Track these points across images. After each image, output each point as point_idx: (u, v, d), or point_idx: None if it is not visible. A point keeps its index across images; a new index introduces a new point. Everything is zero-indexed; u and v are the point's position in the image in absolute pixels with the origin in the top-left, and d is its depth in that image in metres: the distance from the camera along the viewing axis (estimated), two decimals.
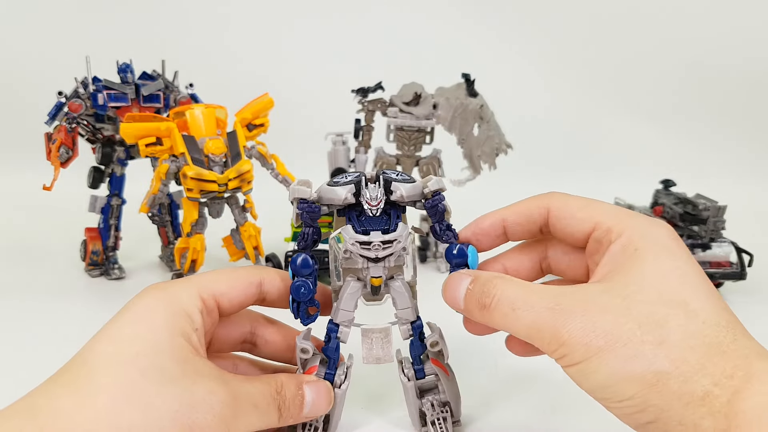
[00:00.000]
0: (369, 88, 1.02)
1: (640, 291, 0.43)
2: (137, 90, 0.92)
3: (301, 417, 0.50)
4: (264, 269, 0.54)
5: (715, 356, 0.39)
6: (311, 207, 0.51)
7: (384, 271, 0.52)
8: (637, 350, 0.40)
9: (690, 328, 0.40)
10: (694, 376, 0.39)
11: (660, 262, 0.44)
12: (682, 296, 0.42)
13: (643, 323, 0.41)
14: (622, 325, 0.41)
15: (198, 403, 0.42)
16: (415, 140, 1.01)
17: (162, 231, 1.03)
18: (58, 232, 1.17)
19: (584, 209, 0.50)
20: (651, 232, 0.46)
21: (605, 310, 0.42)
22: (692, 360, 0.39)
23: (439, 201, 0.52)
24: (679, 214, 1.02)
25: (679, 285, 0.43)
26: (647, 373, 0.39)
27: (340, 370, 0.54)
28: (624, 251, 0.45)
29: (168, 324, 0.45)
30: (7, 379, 0.65)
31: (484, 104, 1.00)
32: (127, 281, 0.96)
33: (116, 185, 0.97)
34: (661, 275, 0.43)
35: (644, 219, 0.48)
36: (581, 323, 0.42)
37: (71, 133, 0.90)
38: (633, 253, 0.45)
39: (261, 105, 0.90)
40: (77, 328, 0.78)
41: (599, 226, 0.48)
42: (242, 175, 0.83)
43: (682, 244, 0.46)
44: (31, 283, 0.93)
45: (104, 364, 0.42)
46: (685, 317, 0.41)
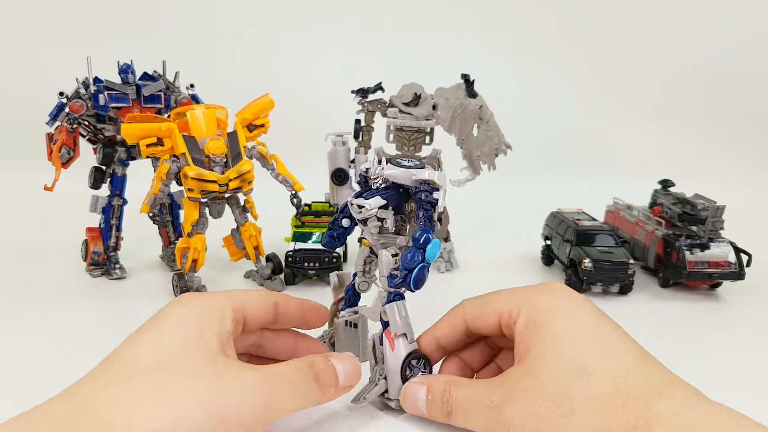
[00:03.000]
0: (369, 88, 1.02)
1: (547, 366, 0.48)
2: (138, 90, 0.92)
3: (339, 388, 0.53)
4: (276, 294, 0.59)
5: (617, 412, 0.43)
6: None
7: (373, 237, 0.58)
8: (557, 425, 0.45)
9: (590, 391, 0.45)
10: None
11: (556, 331, 0.50)
12: (580, 361, 0.47)
13: (554, 398, 0.46)
14: (540, 405, 0.46)
15: (227, 391, 0.45)
16: (414, 141, 1.02)
17: (163, 231, 1.04)
18: (59, 232, 1.17)
19: (486, 307, 0.56)
20: (542, 303, 0.52)
21: (526, 395, 0.47)
22: (599, 422, 0.43)
23: (423, 191, 0.55)
24: (677, 214, 1.03)
25: (576, 350, 0.48)
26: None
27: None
28: (526, 329, 0.51)
29: (200, 327, 0.48)
30: (8, 379, 0.65)
31: (483, 105, 1.00)
32: (129, 281, 0.96)
33: (117, 185, 0.98)
34: (560, 344, 0.49)
35: (534, 291, 0.54)
36: (513, 414, 0.47)
37: (72, 133, 0.90)
38: (534, 328, 0.51)
39: (261, 105, 0.90)
40: (78, 328, 0.79)
41: (502, 315, 0.54)
42: (243, 175, 0.83)
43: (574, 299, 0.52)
44: (33, 283, 0.93)
45: (142, 365, 0.45)
46: (585, 383, 0.46)
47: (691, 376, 0.48)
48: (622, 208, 1.14)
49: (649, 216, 1.07)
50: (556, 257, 1.06)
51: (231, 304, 0.52)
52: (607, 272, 0.93)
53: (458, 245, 1.05)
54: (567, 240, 1.01)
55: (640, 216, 1.09)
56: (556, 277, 1.04)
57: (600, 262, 0.93)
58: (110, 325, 0.82)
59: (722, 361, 0.75)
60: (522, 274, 1.06)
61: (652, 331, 0.84)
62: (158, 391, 0.43)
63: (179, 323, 0.49)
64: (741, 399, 0.63)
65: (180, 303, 0.51)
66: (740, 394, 0.66)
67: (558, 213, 1.10)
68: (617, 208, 1.15)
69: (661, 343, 0.79)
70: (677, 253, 0.95)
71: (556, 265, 1.10)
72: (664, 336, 0.82)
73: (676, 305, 0.93)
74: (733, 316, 0.91)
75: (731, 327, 0.87)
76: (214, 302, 0.52)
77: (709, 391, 0.47)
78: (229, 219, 0.89)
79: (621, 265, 0.93)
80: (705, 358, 0.75)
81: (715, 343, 0.81)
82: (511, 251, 1.16)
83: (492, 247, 1.17)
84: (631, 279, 0.94)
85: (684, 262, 0.94)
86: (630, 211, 1.13)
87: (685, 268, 0.94)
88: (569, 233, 1.01)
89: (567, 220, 1.05)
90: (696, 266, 0.94)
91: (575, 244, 0.98)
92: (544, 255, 1.11)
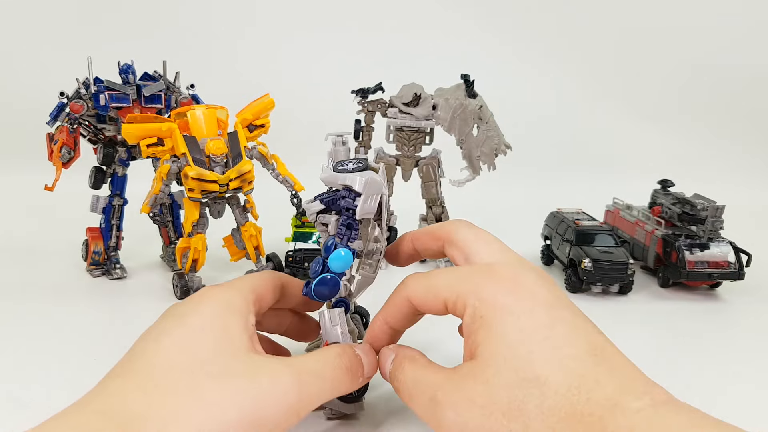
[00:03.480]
0: (369, 88, 1.02)
1: (497, 372, 0.44)
2: (139, 91, 0.93)
3: (365, 377, 0.53)
4: (282, 275, 0.59)
5: (574, 427, 0.40)
6: None
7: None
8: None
9: (546, 405, 0.41)
10: None
11: (504, 329, 0.45)
12: (532, 369, 0.43)
13: (506, 411, 0.42)
14: (489, 416, 0.43)
15: (263, 393, 0.44)
16: (414, 141, 1.02)
17: (163, 231, 1.04)
18: (59, 232, 1.17)
19: (431, 290, 0.51)
20: (487, 295, 0.47)
21: (473, 401, 0.44)
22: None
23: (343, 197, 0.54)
24: (677, 214, 1.03)
25: (527, 353, 0.44)
26: None
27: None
28: (473, 321, 0.47)
29: (226, 326, 0.48)
30: (8, 378, 0.65)
31: (483, 105, 1.00)
32: (129, 281, 0.96)
33: (118, 185, 0.98)
34: (510, 346, 0.44)
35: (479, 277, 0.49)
36: (454, 417, 0.44)
37: (73, 133, 0.90)
38: (481, 322, 0.46)
39: (262, 106, 0.90)
40: (79, 328, 0.79)
41: (447, 302, 0.50)
42: (243, 175, 0.83)
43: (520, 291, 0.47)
44: (33, 282, 0.93)
45: (170, 368, 0.44)
46: (540, 395, 0.42)
47: (690, 376, 0.48)
48: (622, 208, 1.14)
49: (648, 216, 1.07)
50: (556, 257, 1.07)
51: (251, 297, 0.52)
52: (606, 272, 0.93)
53: None
54: (567, 240, 1.01)
55: (640, 216, 1.09)
56: (556, 277, 1.04)
57: (600, 261, 0.93)
58: (111, 325, 0.82)
59: (722, 361, 0.75)
60: None
61: (651, 331, 0.85)
62: (192, 396, 0.42)
63: (205, 323, 0.48)
64: (741, 399, 0.63)
65: (202, 300, 0.50)
66: (740, 394, 0.66)
67: (558, 213, 1.10)
68: (617, 208, 1.16)
69: (661, 343, 0.80)
70: (677, 253, 0.96)
71: (555, 265, 1.10)
72: (664, 336, 0.82)
73: (676, 305, 0.93)
74: (732, 316, 0.91)
75: (731, 327, 0.88)
76: (235, 296, 0.51)
77: (708, 391, 0.47)
78: (229, 219, 0.89)
79: (621, 265, 0.93)
80: (704, 358, 0.75)
81: (715, 343, 0.81)
82: None
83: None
84: (630, 279, 0.94)
85: (684, 262, 0.94)
86: (630, 211, 1.13)
87: (685, 267, 0.94)
88: (569, 233, 1.02)
89: (567, 220, 1.05)
90: (696, 266, 0.94)
91: (575, 243, 0.99)
92: (543, 255, 1.11)
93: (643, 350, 0.73)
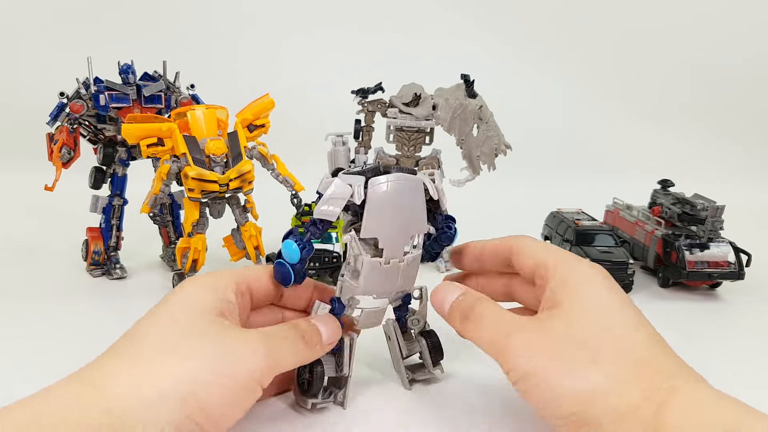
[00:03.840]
0: (369, 88, 1.02)
1: (577, 319, 0.49)
2: (139, 91, 0.93)
3: (325, 345, 0.55)
4: None
5: (642, 372, 0.44)
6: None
7: None
8: (573, 367, 0.45)
9: (619, 348, 0.46)
10: (625, 389, 0.43)
11: (592, 294, 0.51)
12: (612, 324, 0.48)
13: (579, 345, 0.46)
14: (561, 345, 0.47)
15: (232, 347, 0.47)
16: (414, 141, 1.02)
17: (163, 231, 1.04)
18: (59, 232, 1.17)
19: (533, 250, 0.58)
20: (583, 270, 0.54)
21: (548, 332, 0.49)
22: (623, 375, 0.44)
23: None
24: (677, 214, 1.03)
25: (610, 315, 0.49)
26: (583, 391, 0.44)
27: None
28: (560, 285, 0.52)
29: (200, 298, 0.50)
30: (9, 379, 0.65)
31: (483, 105, 1.00)
32: (129, 281, 0.96)
33: (118, 185, 0.98)
34: (595, 306, 0.50)
35: (577, 259, 0.56)
36: (525, 340, 0.48)
37: (73, 133, 0.90)
38: (567, 285, 0.52)
39: (262, 106, 0.90)
40: (79, 328, 0.79)
41: (540, 264, 0.56)
42: (243, 175, 0.83)
43: (610, 278, 0.54)
44: (33, 283, 0.93)
45: (144, 334, 0.47)
46: (615, 340, 0.47)
47: None
48: (622, 208, 1.14)
49: (648, 216, 1.07)
50: None
51: (234, 278, 0.54)
52: None
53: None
54: (567, 240, 1.01)
55: (640, 216, 1.09)
56: None
57: (599, 262, 0.92)
58: (111, 325, 0.81)
59: (722, 361, 0.75)
60: None
61: None
62: (159, 355, 0.45)
63: (179, 299, 0.51)
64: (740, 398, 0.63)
65: (183, 284, 0.53)
66: (740, 394, 0.66)
67: (558, 213, 1.10)
68: (617, 208, 1.16)
69: None
70: (677, 253, 0.96)
71: None
72: (664, 336, 0.82)
73: (676, 305, 0.93)
74: (732, 316, 0.91)
75: (731, 327, 0.88)
76: (216, 277, 0.54)
77: None
78: (229, 219, 0.89)
79: (620, 265, 0.93)
80: (705, 358, 0.74)
81: (715, 343, 0.81)
82: None
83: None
84: (630, 279, 0.94)
85: (683, 262, 0.94)
86: (630, 211, 1.13)
87: (685, 267, 0.94)
88: (569, 233, 1.02)
89: (567, 220, 1.05)
90: (695, 266, 0.94)
91: (575, 244, 0.99)
92: None
93: None
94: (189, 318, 0.48)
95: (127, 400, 0.41)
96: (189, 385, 0.43)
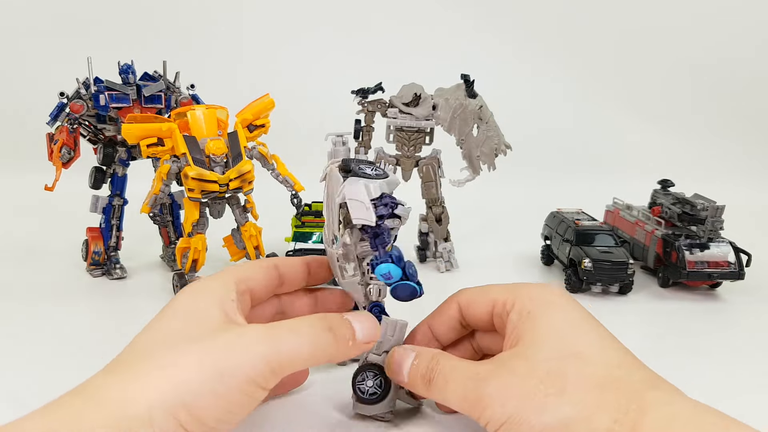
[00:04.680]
0: (369, 88, 1.02)
1: (540, 350, 0.48)
2: (139, 91, 0.93)
3: (359, 343, 0.51)
4: (275, 258, 0.60)
5: (610, 394, 0.43)
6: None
7: None
8: (544, 403, 0.44)
9: (585, 372, 0.45)
10: (595, 416, 0.43)
11: (551, 319, 0.50)
12: (575, 347, 0.47)
13: (544, 379, 0.45)
14: (528, 383, 0.46)
15: (224, 350, 0.44)
16: (414, 141, 1.02)
17: (163, 231, 1.04)
18: (59, 232, 1.17)
19: (482, 295, 0.56)
20: (538, 295, 0.52)
21: (513, 373, 0.47)
22: (590, 401, 0.43)
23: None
24: (677, 214, 1.03)
25: (571, 337, 0.48)
26: (556, 423, 0.43)
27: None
28: (520, 317, 0.51)
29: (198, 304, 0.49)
30: (8, 378, 0.65)
31: (483, 105, 1.00)
32: (129, 281, 0.96)
33: (118, 185, 0.98)
34: (555, 332, 0.49)
35: (532, 285, 0.55)
36: (496, 388, 0.47)
37: (73, 133, 0.90)
38: (527, 316, 0.51)
39: (262, 105, 0.90)
40: (79, 328, 0.79)
41: (496, 303, 0.54)
42: (243, 175, 0.83)
43: (570, 298, 0.53)
44: (33, 283, 0.93)
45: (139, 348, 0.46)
46: (579, 365, 0.46)
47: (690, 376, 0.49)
48: (622, 208, 1.14)
49: (648, 216, 1.07)
50: (556, 257, 1.07)
51: (232, 279, 0.53)
52: (606, 272, 0.93)
53: (458, 245, 1.05)
54: (567, 240, 1.01)
55: (640, 216, 1.09)
56: (556, 277, 1.04)
57: (600, 262, 0.93)
58: (111, 325, 0.82)
59: (721, 361, 0.75)
60: (522, 273, 1.06)
61: (651, 331, 0.85)
62: (150, 363, 0.43)
63: (178, 306, 0.49)
64: (741, 398, 0.63)
65: (182, 291, 0.52)
66: (740, 394, 0.66)
67: (558, 213, 1.10)
68: (617, 208, 1.16)
69: (661, 343, 0.80)
70: (677, 253, 0.96)
71: (556, 265, 1.10)
72: (664, 336, 0.82)
73: (676, 305, 0.93)
74: (732, 316, 0.91)
75: (731, 327, 0.87)
76: (213, 280, 0.53)
77: (708, 391, 0.47)
78: (229, 219, 0.89)
79: (620, 265, 0.93)
80: (704, 358, 0.75)
81: (715, 343, 0.81)
82: (510, 251, 1.16)
83: (492, 246, 1.18)
84: (630, 279, 0.94)
85: (684, 262, 0.94)
86: (630, 211, 1.13)
87: (685, 268, 0.94)
88: (569, 233, 1.01)
89: (567, 220, 1.05)
90: (696, 266, 0.94)
91: (575, 243, 0.99)
92: (543, 255, 1.11)
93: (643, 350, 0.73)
94: (183, 328, 0.47)
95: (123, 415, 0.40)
96: (178, 394, 0.42)
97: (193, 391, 0.42)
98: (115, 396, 0.41)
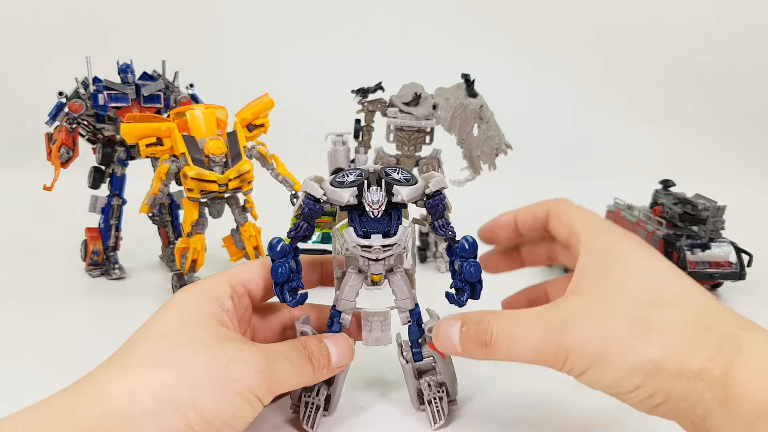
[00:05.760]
0: (369, 88, 1.02)
1: (620, 296, 0.47)
2: (138, 90, 0.92)
3: (332, 368, 0.53)
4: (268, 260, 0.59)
5: (701, 334, 0.43)
6: (314, 206, 0.52)
7: (383, 268, 0.54)
8: (630, 345, 0.44)
9: (671, 316, 0.45)
10: (687, 356, 0.42)
11: (631, 265, 0.49)
12: (657, 293, 0.46)
13: (629, 321, 0.45)
14: (610, 328, 0.45)
15: (231, 359, 0.46)
16: (414, 140, 1.02)
17: (162, 231, 1.04)
18: (58, 232, 1.17)
19: (570, 215, 0.56)
20: (621, 240, 0.51)
21: (593, 319, 0.46)
22: (681, 342, 0.43)
23: (440, 201, 0.54)
24: (678, 214, 1.02)
25: (653, 284, 0.47)
26: (645, 364, 0.43)
27: None
28: (592, 260, 0.50)
29: (197, 307, 0.49)
30: (8, 378, 0.65)
31: (483, 104, 1.00)
32: (128, 281, 0.96)
33: (117, 185, 0.97)
34: (635, 278, 0.48)
35: (616, 229, 0.53)
36: (574, 337, 0.46)
37: (72, 133, 0.90)
38: (603, 261, 0.50)
39: (261, 105, 0.90)
40: (78, 328, 0.79)
41: (574, 232, 0.54)
42: (242, 175, 0.83)
43: (649, 246, 0.51)
44: (32, 283, 0.93)
45: (140, 345, 0.46)
46: (664, 309, 0.45)
47: None
48: (623, 208, 1.14)
49: (649, 216, 1.07)
50: None
51: (229, 281, 0.53)
52: None
53: None
54: None
55: (641, 216, 1.09)
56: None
57: None
58: (110, 325, 0.82)
59: None
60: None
61: None
62: (157, 364, 0.44)
63: (176, 307, 0.50)
64: None
65: (179, 292, 0.52)
66: None
67: None
68: (618, 208, 1.15)
69: None
70: (678, 253, 0.95)
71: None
72: None
73: None
74: None
75: None
76: (211, 282, 0.53)
77: None
78: (228, 219, 0.88)
79: None
80: None
81: None
82: None
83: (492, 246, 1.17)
84: None
85: (685, 262, 0.94)
86: (630, 211, 1.12)
87: (686, 268, 0.94)
88: None
89: None
90: (697, 266, 0.94)
91: None
92: None
93: None
94: (185, 328, 0.47)
95: (126, 408, 0.41)
96: (189, 393, 0.42)
97: (203, 392, 0.43)
98: (121, 389, 0.42)
